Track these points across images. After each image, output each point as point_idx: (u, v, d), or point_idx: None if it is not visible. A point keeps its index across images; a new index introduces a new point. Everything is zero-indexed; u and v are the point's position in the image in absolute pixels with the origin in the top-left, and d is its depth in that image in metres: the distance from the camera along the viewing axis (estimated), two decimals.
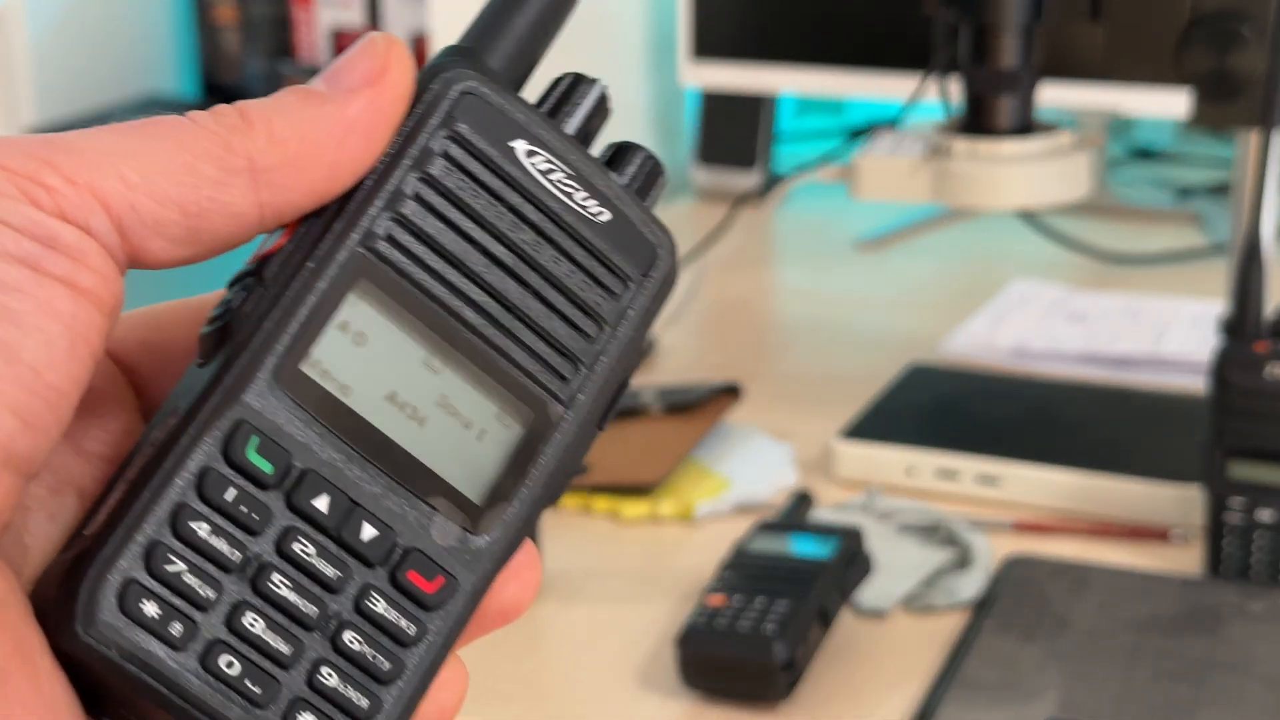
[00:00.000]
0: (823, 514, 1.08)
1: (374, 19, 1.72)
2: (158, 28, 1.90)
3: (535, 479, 0.36)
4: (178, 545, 0.33)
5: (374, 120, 0.35)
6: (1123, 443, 1.15)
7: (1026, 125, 1.11)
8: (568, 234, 0.37)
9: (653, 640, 0.97)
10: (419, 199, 0.36)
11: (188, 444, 0.34)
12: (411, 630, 0.35)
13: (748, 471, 1.16)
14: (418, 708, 0.35)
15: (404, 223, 0.35)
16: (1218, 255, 1.61)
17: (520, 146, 0.37)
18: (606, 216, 0.37)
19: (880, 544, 1.04)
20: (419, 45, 1.69)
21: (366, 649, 0.35)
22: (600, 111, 0.38)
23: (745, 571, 0.94)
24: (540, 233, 0.37)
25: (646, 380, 1.34)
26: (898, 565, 1.03)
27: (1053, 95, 1.17)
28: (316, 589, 0.34)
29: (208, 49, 1.90)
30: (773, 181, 1.76)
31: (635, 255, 0.37)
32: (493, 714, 0.91)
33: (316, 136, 0.35)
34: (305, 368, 0.35)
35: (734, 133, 1.83)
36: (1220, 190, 1.79)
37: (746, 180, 1.81)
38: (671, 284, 0.38)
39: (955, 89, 1.15)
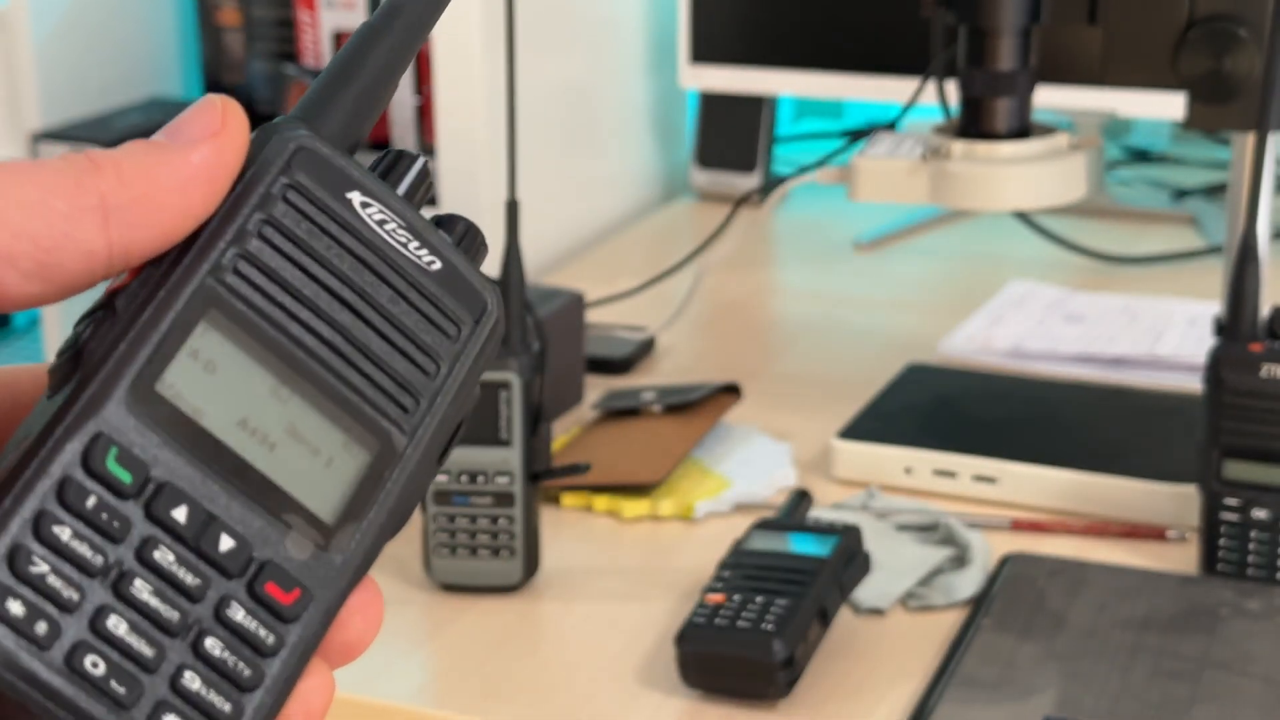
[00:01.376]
0: (821, 513, 1.08)
1: None
2: (161, 30, 1.90)
3: (382, 504, 0.38)
4: (40, 549, 0.34)
5: (215, 168, 0.37)
6: (1120, 443, 1.16)
7: (1024, 127, 1.11)
8: (404, 278, 0.38)
9: (653, 638, 0.98)
10: (263, 238, 0.37)
11: (48, 455, 0.35)
12: (270, 640, 0.36)
13: (747, 471, 1.16)
14: (282, 713, 0.36)
15: (250, 259, 0.37)
16: (1214, 256, 1.61)
17: (355, 197, 0.38)
18: (438, 266, 0.39)
19: (879, 543, 1.05)
20: (420, 48, 1.70)
21: (228, 655, 0.35)
22: (423, 182, 0.40)
23: (745, 570, 0.95)
24: (378, 275, 0.38)
25: (646, 380, 1.35)
26: (896, 564, 1.03)
27: (1049, 97, 1.18)
28: (177, 596, 0.35)
29: (211, 51, 1.91)
30: (772, 183, 1.76)
31: (467, 303, 0.39)
32: (493, 712, 0.92)
33: (162, 180, 0.36)
34: (160, 389, 0.36)
35: (734, 136, 1.83)
36: (1217, 192, 1.80)
37: (746, 182, 1.82)
38: (499, 334, 0.40)
39: (952, 91, 1.16)
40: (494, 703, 0.92)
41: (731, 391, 1.25)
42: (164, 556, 0.35)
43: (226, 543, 0.36)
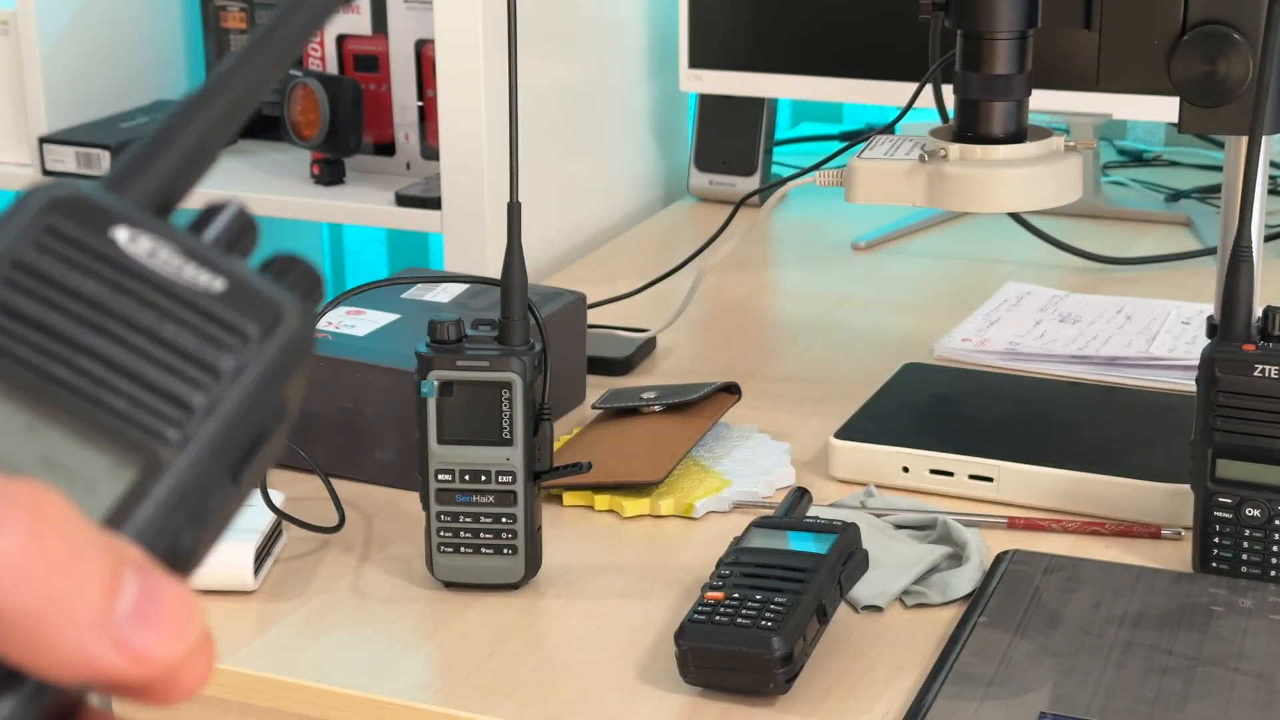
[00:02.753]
0: (820, 511, 1.09)
1: (381, 26, 1.73)
2: (166, 34, 1.91)
3: (143, 516, 0.36)
4: None
5: None
6: (1115, 442, 1.17)
7: (1020, 130, 1.12)
8: (172, 298, 0.37)
9: (653, 635, 0.99)
10: (8, 282, 0.37)
11: None
12: None
13: (746, 470, 1.17)
14: None
15: None
16: (1208, 258, 1.62)
17: (120, 233, 0.38)
18: (220, 284, 0.38)
19: (876, 541, 1.05)
20: (423, 52, 1.71)
21: None
22: (237, 227, 0.39)
23: (744, 568, 0.95)
24: (140, 299, 0.37)
25: (647, 380, 1.36)
26: (894, 562, 1.04)
27: (1045, 100, 1.19)
28: None
29: (216, 55, 1.92)
30: (771, 185, 1.77)
31: (256, 315, 0.38)
32: (495, 708, 0.92)
33: None
34: None
35: (733, 139, 1.84)
36: (1210, 194, 1.81)
37: (745, 184, 1.83)
38: (305, 340, 0.38)
39: (949, 95, 1.17)
40: (496, 699, 0.93)
41: (731, 391, 1.26)
42: None
43: None
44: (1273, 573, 1.01)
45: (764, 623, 0.90)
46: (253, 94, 0.40)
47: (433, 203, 1.62)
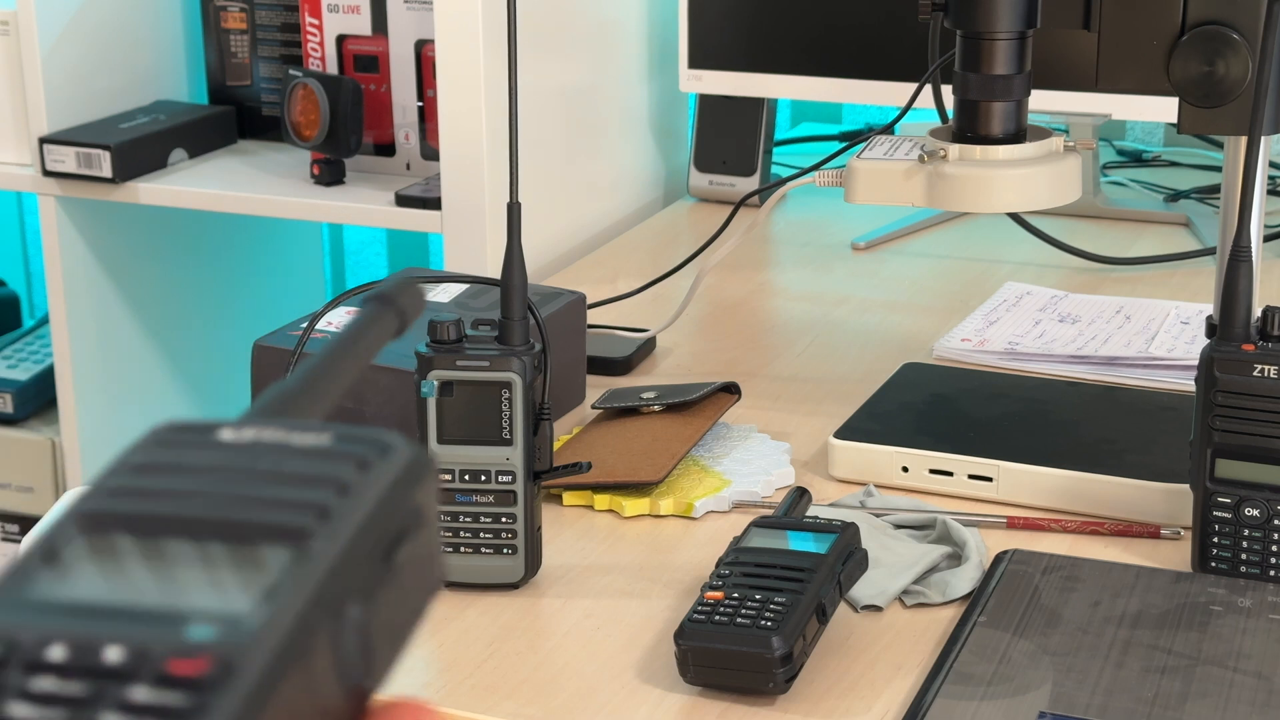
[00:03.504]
0: (819, 511, 1.09)
1: (381, 26, 1.73)
2: (166, 35, 1.91)
3: (299, 589, 0.36)
4: None
5: None
6: (1114, 442, 1.17)
7: (1019, 130, 1.12)
8: (286, 450, 0.39)
9: (652, 635, 0.99)
10: (135, 472, 0.38)
11: None
12: (186, 705, 0.34)
13: (746, 470, 1.18)
14: None
15: (115, 493, 0.38)
16: (1207, 258, 1.63)
17: (225, 432, 0.40)
18: (328, 438, 0.40)
19: (876, 540, 1.06)
20: (423, 52, 1.71)
21: None
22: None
23: (743, 567, 0.95)
24: (258, 456, 0.39)
25: (647, 380, 1.36)
26: (893, 561, 1.04)
27: (1044, 101, 1.19)
28: (74, 709, 0.34)
29: (216, 56, 1.92)
30: (771, 186, 1.77)
31: (369, 448, 0.39)
32: (495, 708, 0.92)
33: None
34: (27, 595, 0.36)
35: (733, 139, 1.85)
36: (1209, 194, 1.81)
37: (745, 185, 1.83)
38: (424, 462, 0.40)
39: (949, 95, 1.17)
40: (496, 698, 0.93)
41: (730, 391, 1.26)
42: (46, 686, 0.34)
43: (115, 653, 0.34)
44: (1271, 572, 1.01)
45: (764, 622, 0.90)
46: (337, 390, 0.43)
47: (433, 203, 1.62)
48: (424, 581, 0.40)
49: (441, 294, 1.31)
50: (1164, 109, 1.29)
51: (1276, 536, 1.01)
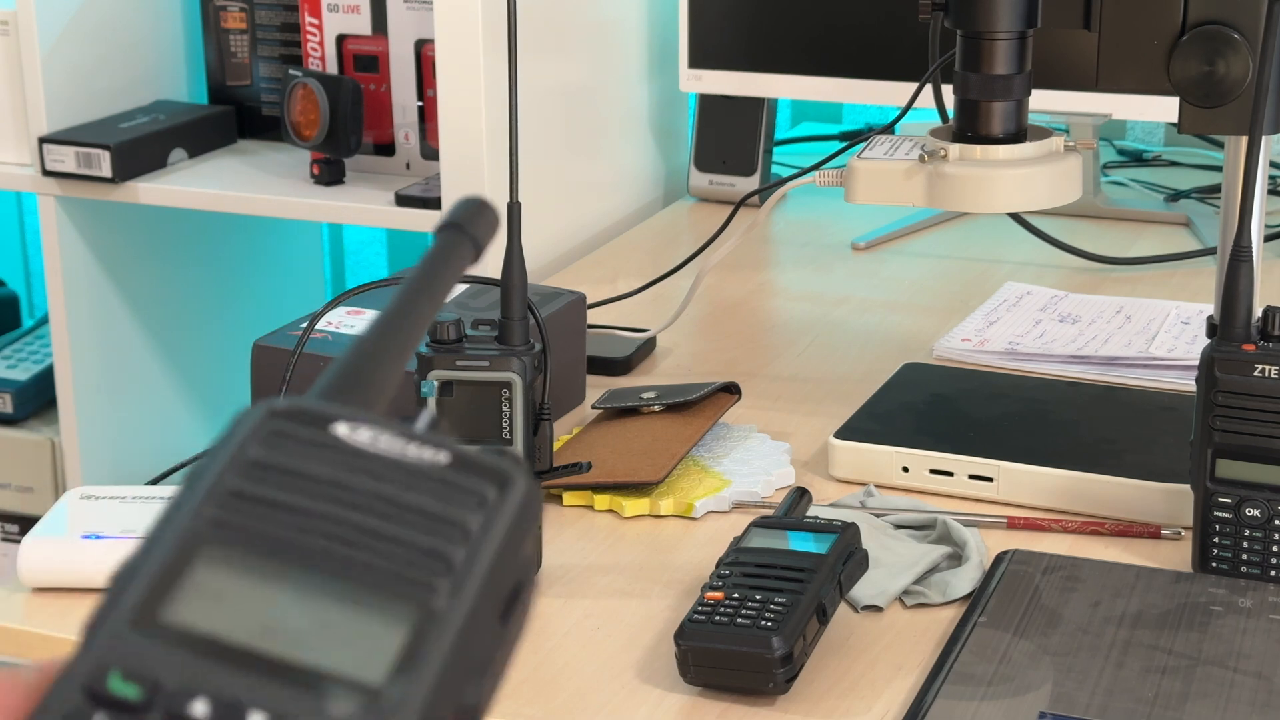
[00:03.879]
0: (819, 511, 1.09)
1: (381, 26, 1.73)
2: (166, 34, 1.91)
3: (429, 662, 0.37)
4: None
5: None
6: (1114, 442, 1.17)
7: (1019, 130, 1.12)
8: (406, 471, 0.39)
9: (653, 635, 0.99)
10: (248, 476, 0.38)
11: (49, 699, 0.35)
12: None
13: (746, 470, 1.18)
14: None
15: (240, 495, 0.38)
16: (1207, 258, 1.63)
17: (341, 427, 0.39)
18: (445, 457, 0.39)
19: (876, 540, 1.06)
20: (423, 52, 1.71)
21: None
22: (435, 426, 0.41)
23: (744, 567, 0.95)
24: (376, 475, 0.39)
25: (647, 380, 1.36)
26: (893, 561, 1.04)
27: (1045, 101, 1.19)
28: None
29: (216, 55, 1.92)
30: (771, 185, 1.77)
31: (489, 480, 0.39)
32: (494, 708, 0.92)
33: None
34: (166, 621, 0.36)
35: (733, 139, 1.85)
36: (1210, 194, 1.81)
37: (745, 184, 1.83)
38: (536, 499, 0.40)
39: (949, 95, 1.17)
40: (496, 699, 0.93)
41: (731, 391, 1.26)
42: None
43: (257, 717, 0.35)
44: (1272, 572, 1.01)
45: (764, 622, 0.90)
46: (420, 330, 0.43)
47: (433, 203, 1.62)
48: (523, 628, 0.40)
49: None
50: (1164, 109, 1.28)
51: (1277, 537, 1.01)
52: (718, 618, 0.91)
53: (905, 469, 1.16)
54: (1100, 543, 1.09)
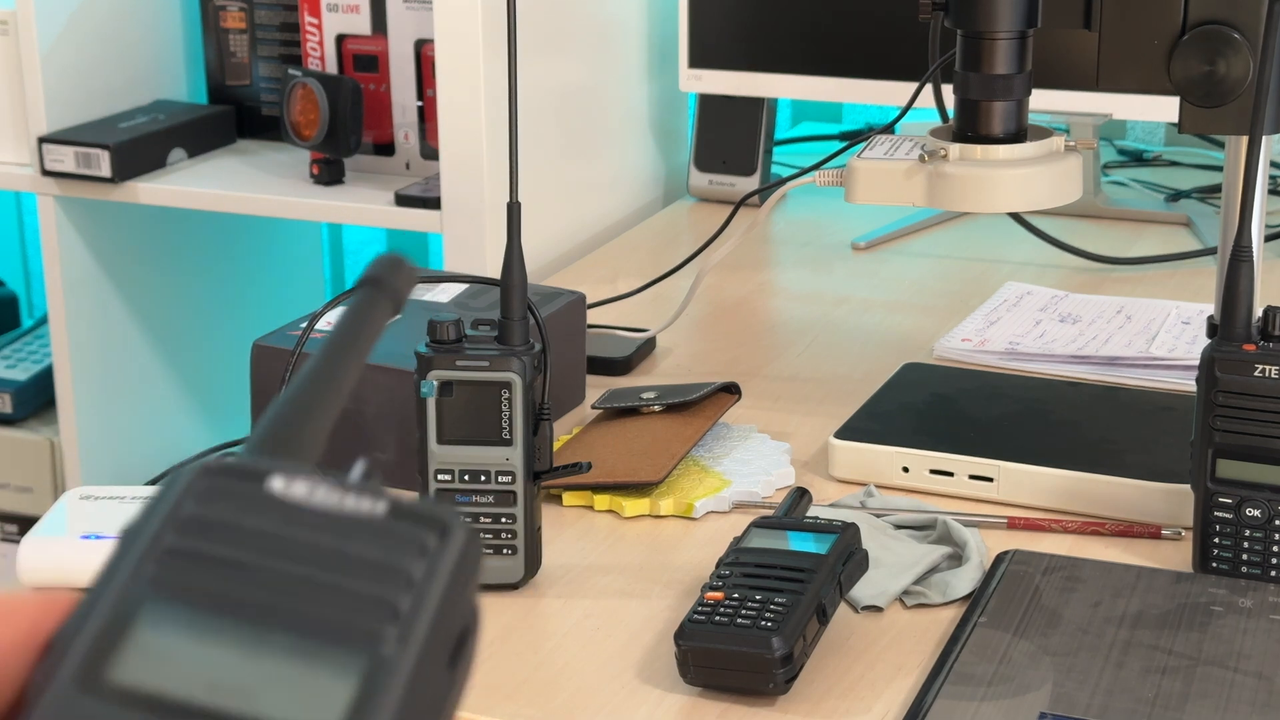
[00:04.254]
0: (819, 511, 1.09)
1: (380, 26, 1.73)
2: (165, 34, 1.91)
3: (382, 710, 0.36)
4: None
5: None
6: (1115, 442, 1.17)
7: (1020, 130, 1.12)
8: (344, 522, 0.39)
9: (653, 635, 0.99)
10: (182, 532, 0.38)
11: None
12: None
13: (746, 470, 1.18)
14: None
15: (177, 554, 0.38)
16: (1208, 258, 1.63)
17: (276, 481, 0.39)
18: (383, 508, 0.39)
19: (876, 541, 1.06)
20: (423, 51, 1.71)
21: None
22: (369, 477, 0.41)
23: (744, 568, 0.95)
24: (315, 526, 0.38)
25: (647, 380, 1.36)
26: (893, 561, 1.04)
27: (1045, 100, 1.19)
28: None
29: (215, 55, 1.92)
30: (771, 185, 1.77)
31: (428, 528, 0.39)
32: (495, 708, 0.92)
33: None
34: (111, 679, 0.36)
35: (733, 139, 1.85)
36: (1210, 194, 1.81)
37: (745, 184, 1.83)
38: (476, 547, 0.40)
39: (949, 95, 1.17)
40: (496, 699, 0.93)
41: (731, 391, 1.26)
42: None
43: None
44: (1273, 573, 1.01)
45: (764, 623, 0.90)
46: (345, 388, 0.43)
47: (432, 203, 1.62)
48: (470, 672, 0.40)
49: (441, 294, 1.31)
50: (1165, 109, 1.28)
51: (1277, 537, 1.01)
52: (718, 618, 0.91)
53: (905, 469, 1.16)
54: (1100, 543, 1.09)
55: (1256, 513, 1.01)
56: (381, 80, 1.74)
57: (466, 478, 1.01)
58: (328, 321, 1.23)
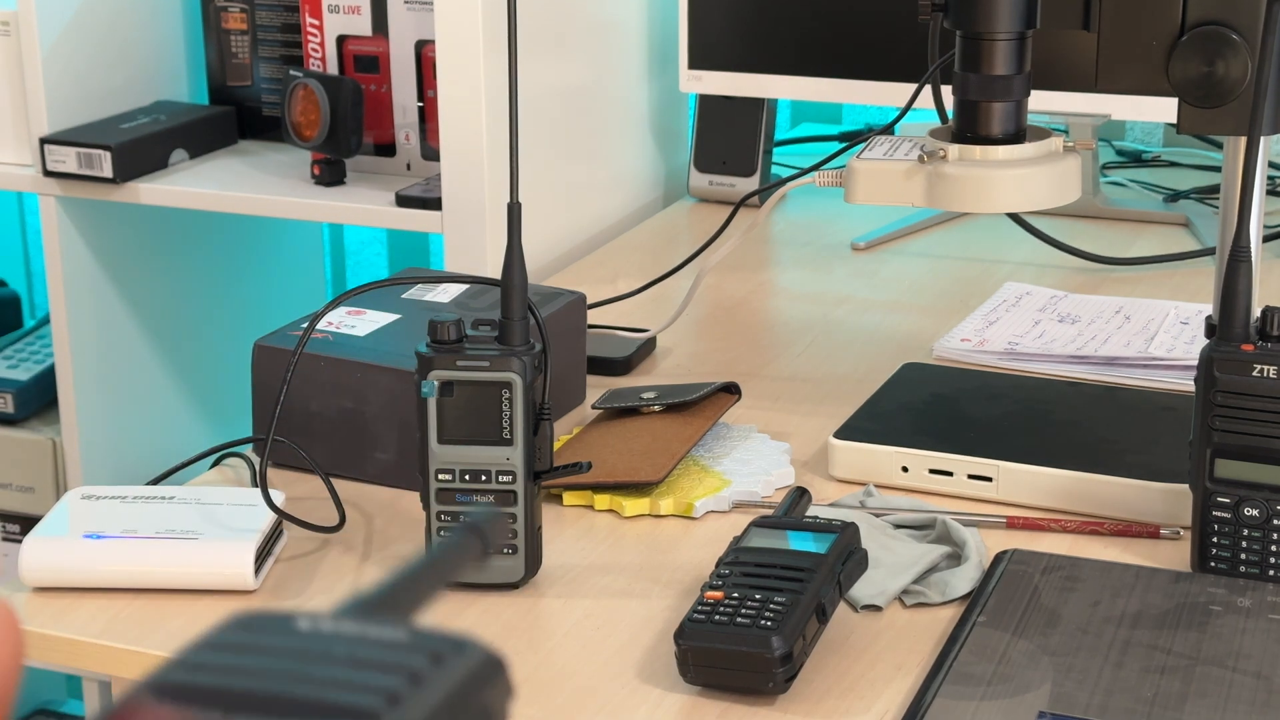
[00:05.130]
0: (819, 511, 1.09)
1: (381, 26, 1.73)
2: (167, 35, 1.91)
3: None
4: None
5: None
6: (1113, 442, 1.17)
7: (1019, 131, 1.12)
8: (363, 641, 0.39)
9: (653, 635, 0.99)
10: (254, 654, 0.39)
11: None
12: None
13: (746, 469, 1.18)
14: None
15: (194, 666, 0.38)
16: (1206, 258, 1.63)
17: (302, 621, 0.40)
18: (404, 634, 0.40)
19: (876, 540, 1.06)
20: (424, 52, 1.71)
21: None
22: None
23: (743, 567, 0.96)
24: (335, 643, 0.39)
25: (647, 380, 1.36)
26: (893, 561, 1.04)
27: (1044, 101, 1.19)
28: None
29: (216, 56, 1.92)
30: (771, 186, 1.77)
31: (444, 647, 0.40)
32: None
33: None
34: None
35: (733, 139, 1.85)
36: (1209, 194, 1.81)
37: (745, 185, 1.83)
38: (499, 666, 0.40)
39: (949, 95, 1.17)
40: None
41: (730, 391, 1.26)
42: None
43: None
44: (1271, 572, 1.01)
45: (763, 622, 0.91)
46: (418, 605, 0.43)
47: (433, 203, 1.62)
48: None
49: (441, 294, 1.31)
50: (1164, 109, 1.29)
51: (1276, 536, 1.01)
52: (717, 617, 0.92)
53: (905, 469, 1.16)
54: (1099, 542, 1.09)
55: (1255, 512, 1.01)
56: (382, 81, 1.74)
57: (467, 477, 1.01)
58: (329, 322, 1.23)
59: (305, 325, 1.16)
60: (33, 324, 2.17)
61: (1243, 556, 1.02)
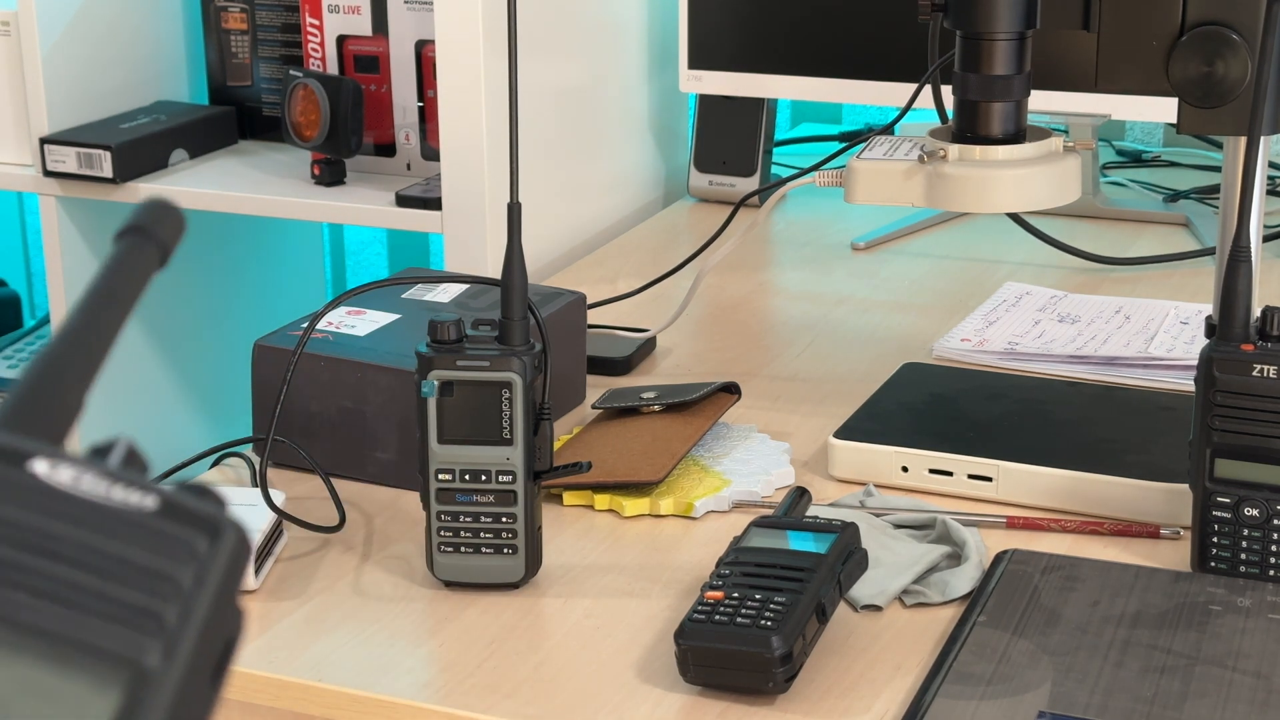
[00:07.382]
0: (819, 511, 1.09)
1: (381, 26, 1.73)
2: (167, 35, 1.91)
3: None
4: None
5: None
6: (1113, 442, 1.17)
7: (1019, 131, 1.12)
8: (112, 518, 0.36)
9: (652, 635, 0.99)
10: None
11: None
12: None
13: (746, 469, 1.18)
14: None
15: None
16: (1206, 258, 1.63)
17: (39, 465, 0.37)
18: (153, 502, 0.37)
19: (876, 540, 1.06)
20: (424, 52, 1.71)
21: None
22: (134, 459, 0.39)
23: (743, 567, 0.96)
24: (81, 521, 0.36)
25: (647, 380, 1.36)
26: (893, 561, 1.04)
27: (1044, 101, 1.19)
28: None
29: (216, 56, 1.92)
30: (770, 186, 1.77)
31: (198, 529, 0.37)
32: (495, 707, 0.93)
33: None
34: None
35: (733, 139, 1.85)
36: (1209, 194, 1.81)
37: (745, 185, 1.83)
38: (246, 551, 0.38)
39: (949, 96, 1.17)
40: (496, 698, 0.93)
41: (730, 391, 1.26)
42: None
43: None
44: (1271, 572, 1.01)
45: (763, 622, 0.91)
46: (107, 344, 0.40)
47: (433, 203, 1.62)
48: (227, 684, 0.38)
49: (441, 294, 1.31)
50: (1163, 109, 1.29)
51: (1276, 536, 1.01)
52: (717, 617, 0.92)
53: (905, 469, 1.16)
54: (1099, 542, 1.09)
55: (1255, 512, 1.01)
56: (382, 81, 1.74)
57: (467, 477, 1.01)
58: (330, 322, 1.23)
59: (305, 325, 1.16)
60: (33, 324, 2.17)
61: (1242, 556, 1.02)
